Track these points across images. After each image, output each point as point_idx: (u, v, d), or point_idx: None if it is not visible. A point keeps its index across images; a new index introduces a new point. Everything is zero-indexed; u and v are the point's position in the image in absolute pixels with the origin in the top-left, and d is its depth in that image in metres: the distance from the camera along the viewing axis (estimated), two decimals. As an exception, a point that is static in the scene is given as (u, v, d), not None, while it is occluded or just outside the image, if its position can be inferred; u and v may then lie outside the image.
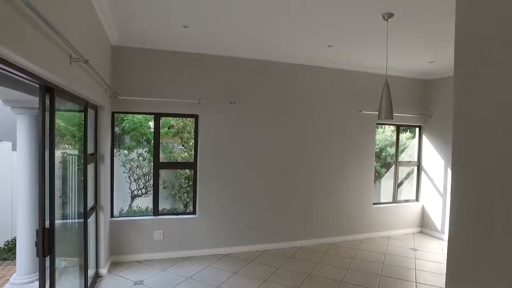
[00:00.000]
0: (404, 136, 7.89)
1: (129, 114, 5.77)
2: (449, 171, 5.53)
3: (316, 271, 4.19)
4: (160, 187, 5.78)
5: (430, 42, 4.02)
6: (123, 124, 5.92)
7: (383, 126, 7.01)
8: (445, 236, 5.59)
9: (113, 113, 4.32)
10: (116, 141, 6.12)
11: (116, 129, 6.06)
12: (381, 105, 3.26)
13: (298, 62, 4.96)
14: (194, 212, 4.67)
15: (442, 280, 3.98)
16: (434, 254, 4.93)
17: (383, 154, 7.16)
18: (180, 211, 5.51)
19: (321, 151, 5.21)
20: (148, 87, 4.33)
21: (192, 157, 4.82)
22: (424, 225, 6.01)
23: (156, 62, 4.35)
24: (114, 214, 4.47)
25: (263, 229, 4.89)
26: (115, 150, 6.07)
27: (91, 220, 3.67)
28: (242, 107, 4.69)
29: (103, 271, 3.83)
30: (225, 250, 4.70)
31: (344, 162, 5.37)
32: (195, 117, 4.61)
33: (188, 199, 6.17)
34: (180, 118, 6.21)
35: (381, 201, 6.09)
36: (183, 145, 6.60)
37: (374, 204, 5.72)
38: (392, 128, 7.18)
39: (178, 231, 4.51)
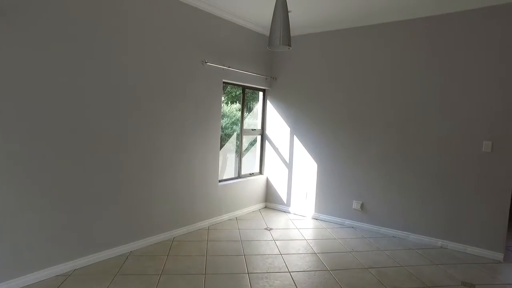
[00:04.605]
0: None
1: None
2: (295, 139, 5.11)
3: (163, 289, 2.77)
4: None
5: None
6: None
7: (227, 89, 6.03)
8: (291, 208, 5.21)
9: None
10: None
11: None
12: (273, 27, 2.11)
13: (121, -27, 3.19)
14: None
15: (312, 263, 3.35)
16: (289, 231, 4.37)
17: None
18: None
19: (155, 113, 3.67)
20: None
21: None
22: (269, 199, 5.49)
23: None
24: None
25: (64, 237, 2.99)
26: None
27: None
28: (23, 24, 2.56)
29: None
30: (-11, 289, 2.57)
31: (185, 129, 4.03)
32: None
33: None
34: None
35: (224, 177, 5.16)
36: None
37: (220, 181, 4.69)
38: (237, 106, 6.41)
39: None
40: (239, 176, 5.13)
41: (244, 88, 5.06)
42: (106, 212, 3.27)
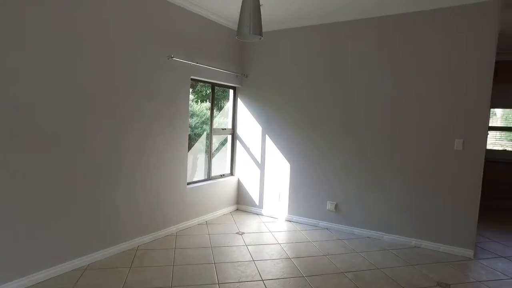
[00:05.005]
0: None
1: None
2: (267, 138, 4.94)
3: (123, 307, 2.49)
4: None
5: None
6: None
7: (197, 87, 5.75)
8: (264, 210, 5.03)
9: None
10: None
11: None
12: (243, 15, 1.91)
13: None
14: None
15: (286, 269, 3.18)
16: (262, 235, 4.19)
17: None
18: None
19: (118, 113, 3.36)
20: None
21: None
22: (240, 201, 5.28)
23: None
24: None
25: (8, 253, 2.63)
26: None
27: None
28: None
29: None
30: None
31: (151, 129, 3.74)
32: None
33: None
34: None
35: (193, 179, 4.89)
36: None
37: (188, 183, 4.43)
38: (207, 105, 6.13)
39: None
40: (209, 178, 4.89)
41: (213, 85, 4.82)
42: (59, 221, 2.92)
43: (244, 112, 5.15)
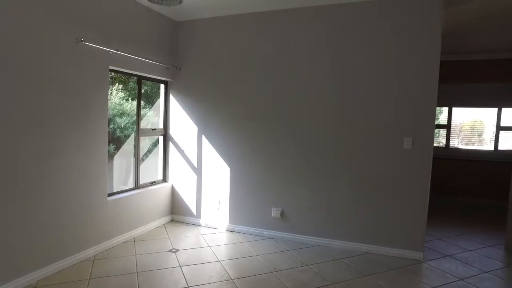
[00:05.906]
0: (133, 105, 6.22)
1: None
2: (204, 139, 4.38)
3: None
4: None
5: None
6: None
7: (115, 82, 4.94)
8: (202, 220, 4.46)
9: None
10: None
11: None
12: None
13: None
14: None
15: (229, 294, 2.67)
16: (200, 251, 3.62)
17: (111, 126, 5.15)
18: None
19: (7, 111, 2.55)
20: None
21: None
22: (175, 211, 4.63)
23: None
24: None
25: None
26: None
27: None
28: None
29: None
30: None
31: (56, 131, 2.96)
32: None
33: None
34: None
35: (117, 189, 4.13)
36: None
37: (110, 195, 3.69)
38: (121, 94, 5.34)
39: None
40: (137, 186, 4.17)
41: (140, 78, 4.12)
42: None
43: (178, 110, 4.52)
